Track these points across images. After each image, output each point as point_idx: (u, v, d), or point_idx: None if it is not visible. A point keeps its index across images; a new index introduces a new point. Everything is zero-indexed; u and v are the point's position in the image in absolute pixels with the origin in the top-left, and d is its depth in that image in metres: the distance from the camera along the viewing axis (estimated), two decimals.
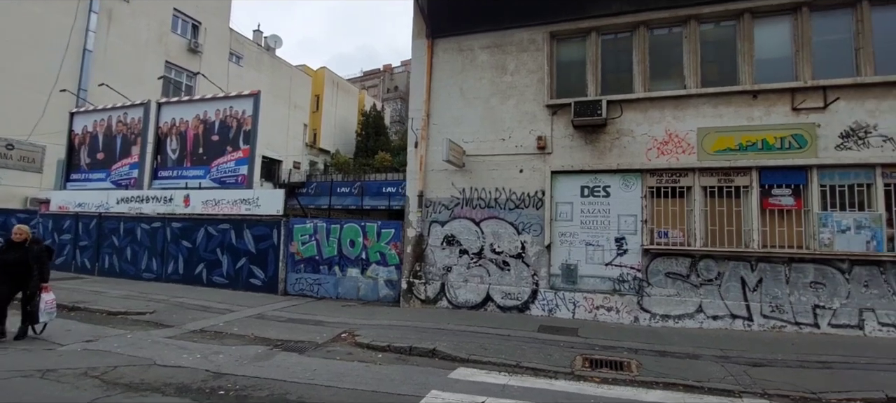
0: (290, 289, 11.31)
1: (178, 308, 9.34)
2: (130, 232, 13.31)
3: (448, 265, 9.97)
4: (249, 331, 7.58)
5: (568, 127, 9.43)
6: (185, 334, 7.38)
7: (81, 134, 15.23)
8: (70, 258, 14.11)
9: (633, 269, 8.81)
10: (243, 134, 12.85)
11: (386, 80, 60.44)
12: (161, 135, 13.98)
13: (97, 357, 5.90)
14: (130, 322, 8.20)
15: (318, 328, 7.97)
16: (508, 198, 9.71)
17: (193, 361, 5.83)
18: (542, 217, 9.41)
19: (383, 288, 10.59)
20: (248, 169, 12.66)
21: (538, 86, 9.76)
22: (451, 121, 10.31)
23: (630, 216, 8.92)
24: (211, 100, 13.52)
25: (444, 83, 10.50)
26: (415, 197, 10.37)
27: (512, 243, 9.58)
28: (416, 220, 10.31)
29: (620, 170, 9.02)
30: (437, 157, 10.19)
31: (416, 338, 7.07)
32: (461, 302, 9.78)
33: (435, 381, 5.33)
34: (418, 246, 10.23)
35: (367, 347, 6.80)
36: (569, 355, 6.45)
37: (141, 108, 14.30)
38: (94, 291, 10.81)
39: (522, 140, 9.74)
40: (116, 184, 14.33)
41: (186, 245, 12.48)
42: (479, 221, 9.86)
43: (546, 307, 9.22)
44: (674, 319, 8.49)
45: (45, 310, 6.79)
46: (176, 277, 12.50)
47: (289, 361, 6.02)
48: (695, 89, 8.77)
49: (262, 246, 11.60)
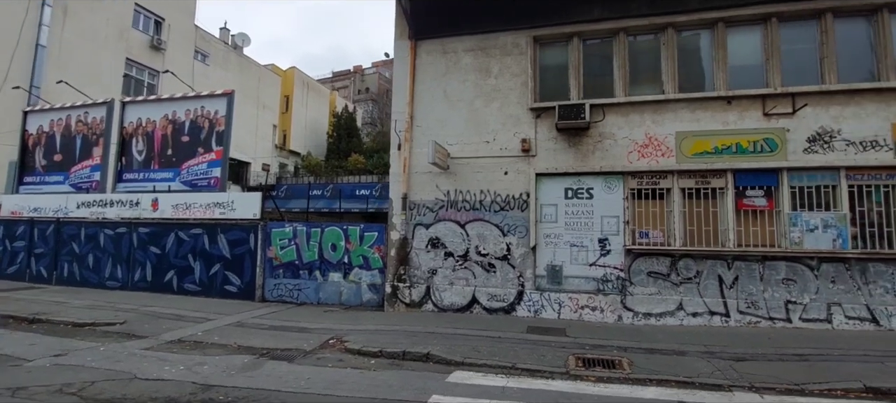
0: (269, 295, 10.95)
1: (150, 317, 8.86)
2: (92, 239, 12.55)
3: (433, 268, 9.90)
4: (231, 340, 7.27)
5: (552, 129, 9.56)
6: (163, 345, 7.00)
7: (36, 134, 14.27)
8: (24, 266, 13.17)
9: (616, 269, 9.01)
10: (216, 135, 12.37)
11: (356, 82, 59.78)
12: (126, 136, 13.27)
13: (70, 372, 5.51)
14: (100, 333, 7.71)
15: (303, 335, 7.73)
16: (493, 200, 9.75)
17: (177, 373, 5.53)
18: (527, 218, 9.49)
19: (367, 292, 10.41)
20: (221, 171, 12.19)
21: (522, 89, 9.86)
22: (435, 124, 10.26)
23: (613, 217, 9.12)
24: (181, 100, 12.95)
25: (428, 85, 10.45)
26: (398, 199, 10.25)
27: (497, 245, 9.62)
28: (400, 223, 10.19)
29: (603, 173, 9.22)
30: (421, 159, 10.13)
31: (407, 343, 6.97)
32: (447, 305, 9.73)
33: (434, 386, 5.26)
34: (402, 250, 10.12)
35: (359, 353, 6.65)
36: (561, 355, 6.51)
37: (103, 107, 13.54)
38: (55, 301, 10.13)
39: (507, 142, 9.80)
40: (76, 187, 13.50)
41: (155, 251, 11.88)
42: (464, 223, 9.85)
43: (532, 308, 9.29)
44: (656, 317, 8.73)
45: None
46: (143, 285, 11.88)
47: (279, 370, 5.80)
48: (673, 94, 9.07)
49: (238, 251, 11.19)
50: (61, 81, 15.49)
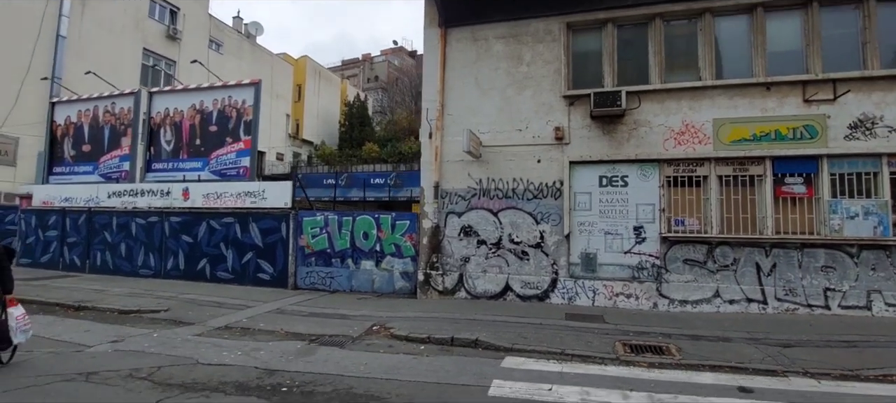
0: (301, 283, 11.09)
1: (190, 304, 9.02)
2: (124, 228, 12.73)
3: (466, 255, 9.97)
4: (277, 326, 7.40)
5: (585, 117, 9.53)
6: (212, 331, 7.14)
7: (64, 124, 14.42)
8: (57, 255, 13.41)
9: (651, 257, 9.03)
10: (244, 124, 12.46)
11: (365, 70, 59.56)
12: (154, 126, 13.39)
13: (133, 357, 5.65)
14: (147, 320, 7.87)
15: (345, 321, 7.85)
16: (526, 189, 9.76)
17: (237, 359, 5.65)
18: (560, 207, 9.51)
19: (399, 280, 10.51)
20: (250, 160, 12.30)
21: (555, 76, 9.81)
22: (466, 112, 10.26)
23: (648, 205, 9.12)
24: (208, 90, 13.02)
25: (459, 73, 10.42)
26: (430, 187, 10.30)
27: (530, 233, 9.65)
28: (432, 211, 10.25)
29: (638, 160, 9.20)
30: (453, 148, 10.15)
31: (452, 329, 7.06)
32: (480, 293, 9.81)
33: (490, 371, 5.34)
34: (435, 238, 10.18)
35: (406, 339, 6.75)
36: (607, 341, 6.57)
37: (130, 98, 13.64)
38: (94, 289, 10.32)
39: (540, 130, 9.79)
40: (106, 177, 13.67)
41: (187, 240, 12.04)
42: (496, 212, 9.88)
43: (566, 295, 9.35)
44: (691, 304, 8.77)
45: (19, 329, 5.17)
46: (176, 273, 12.06)
47: (334, 356, 5.91)
48: (710, 81, 8.99)
49: (270, 239, 11.31)
50: (90, 72, 15.59)
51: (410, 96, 49.14)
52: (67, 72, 18.50)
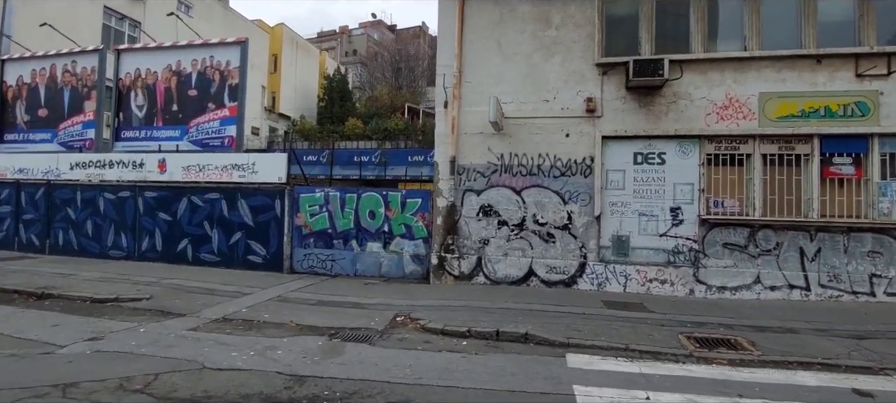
0: (298, 267, 10.00)
1: (177, 291, 7.85)
2: (90, 203, 11.24)
3: (485, 237, 9.12)
4: (285, 318, 6.38)
5: (620, 88, 8.73)
6: (210, 325, 6.06)
7: (16, 85, 12.59)
8: (11, 234, 11.79)
9: (689, 240, 8.41)
10: (229, 88, 11.08)
11: (343, 43, 57.14)
12: (122, 89, 11.80)
13: (121, 361, 4.55)
14: (128, 311, 6.69)
15: (361, 311, 6.90)
16: (553, 165, 8.94)
17: (251, 361, 4.64)
18: (590, 185, 8.74)
19: (410, 263, 9.58)
20: (237, 129, 10.98)
21: (587, 42, 8.93)
22: (487, 79, 9.28)
23: (686, 184, 8.46)
24: (186, 48, 11.51)
25: (479, 35, 9.39)
26: (446, 163, 9.33)
27: (557, 213, 8.87)
28: (448, 189, 9.30)
29: (677, 136, 8.49)
30: (472, 119, 9.21)
31: (491, 320, 6.22)
32: (500, 278, 9.01)
33: (561, 373, 4.54)
34: (450, 218, 9.27)
35: (442, 333, 5.87)
36: (667, 334, 5.89)
37: (94, 55, 11.97)
38: (59, 273, 8.95)
39: (569, 101, 8.93)
40: (67, 146, 12.03)
41: (165, 217, 10.70)
42: (519, 190, 9.04)
43: (595, 281, 8.66)
44: (730, 291, 8.22)
45: None
46: (153, 255, 10.73)
47: (367, 355, 4.98)
48: (757, 51, 8.32)
49: (262, 218, 10.13)
50: (45, 24, 13.65)
51: (391, 72, 47.55)
52: (17, 29, 16.33)
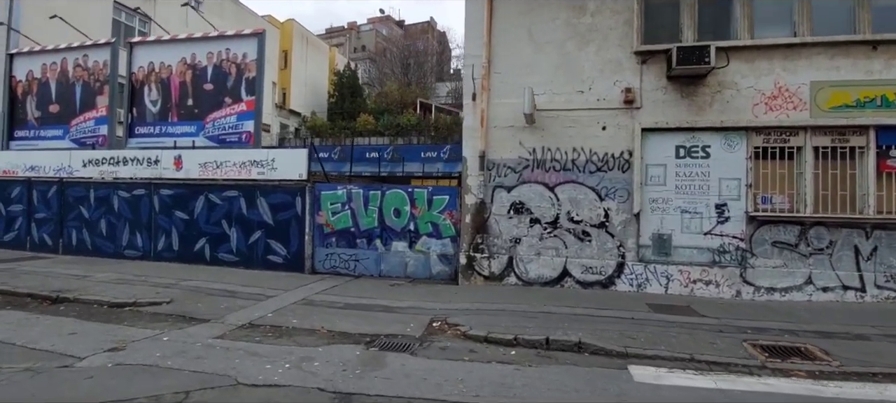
0: (320, 267, 9.62)
1: (197, 294, 7.49)
2: (104, 201, 10.92)
3: (516, 236, 8.69)
4: (315, 324, 6.00)
5: (660, 77, 8.25)
6: (236, 331, 5.68)
7: (26, 81, 12.29)
8: (23, 233, 11.50)
9: (735, 239, 7.93)
10: (246, 82, 10.70)
11: (352, 39, 56.67)
12: (136, 83, 11.45)
13: (146, 376, 4.17)
14: (148, 316, 6.33)
15: (393, 316, 6.51)
16: (588, 160, 8.48)
17: (288, 375, 4.25)
18: (629, 181, 8.28)
19: (437, 263, 9.17)
20: (254, 125, 10.60)
21: (624, 29, 8.44)
22: (518, 69, 8.82)
23: (733, 180, 7.97)
24: (201, 41, 11.14)
25: (509, 24, 8.93)
26: (475, 158, 8.90)
27: (593, 211, 8.42)
28: (477, 185, 8.88)
29: (723, 128, 8.00)
30: (502, 111, 8.77)
31: (535, 327, 5.80)
32: (533, 278, 8.58)
33: (630, 389, 4.13)
34: (480, 215, 8.84)
35: (486, 340, 5.46)
36: (729, 341, 5.44)
37: (107, 49, 11.62)
38: (73, 275, 8.63)
39: (605, 92, 8.46)
40: (79, 142, 11.72)
41: (181, 216, 10.35)
42: (553, 186, 8.59)
43: (634, 281, 8.21)
44: (780, 292, 7.75)
45: None
46: (169, 255, 10.40)
47: (412, 367, 4.57)
48: (809, 37, 7.80)
49: (282, 216, 9.75)
50: (55, 16, 13.30)
51: (400, 68, 47.12)
52: (25, 22, 16.01)
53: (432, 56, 52.21)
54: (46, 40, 13.98)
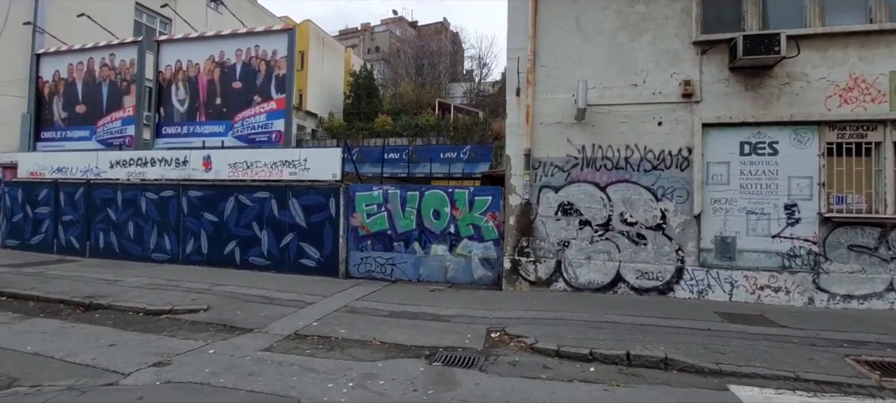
0: (354, 271, 9.22)
1: (233, 300, 7.11)
2: (132, 203, 10.64)
3: (565, 239, 8.19)
4: (364, 333, 5.57)
5: (722, 69, 7.70)
6: (284, 342, 5.28)
7: (53, 81, 12.10)
8: (50, 236, 11.28)
9: (807, 242, 7.35)
10: (275, 80, 10.36)
11: (366, 40, 56.51)
12: (163, 83, 11.18)
13: (199, 397, 3.77)
14: (187, 325, 5.96)
15: (444, 325, 6.06)
16: (643, 158, 7.95)
17: (356, 396, 3.82)
18: (688, 180, 7.74)
19: (479, 267, 8.71)
20: (285, 124, 10.25)
21: (681, 17, 7.91)
22: (565, 62, 8.34)
23: (803, 178, 7.39)
24: (230, 38, 10.82)
25: (555, 14, 8.45)
26: (519, 156, 8.42)
27: (648, 212, 7.89)
28: (522, 185, 8.40)
29: (792, 123, 7.42)
30: (548, 107, 8.30)
31: (606, 339, 5.31)
32: (583, 284, 8.07)
33: None
34: (525, 217, 8.36)
35: (558, 355, 4.97)
36: (829, 357, 4.89)
37: (133, 48, 11.36)
38: (103, 279, 8.33)
39: (661, 85, 7.93)
40: (106, 143, 11.48)
41: (210, 218, 10.02)
42: (604, 186, 8.08)
43: (694, 288, 7.66)
44: (858, 299, 7.14)
45: None
46: (198, 258, 10.08)
47: (488, 387, 4.11)
48: (887, 23, 7.20)
49: (315, 218, 9.37)
50: (83, 15, 13.13)
51: (414, 68, 46.83)
52: (50, 23, 15.94)
53: (445, 56, 51.81)
54: (70, 41, 13.84)
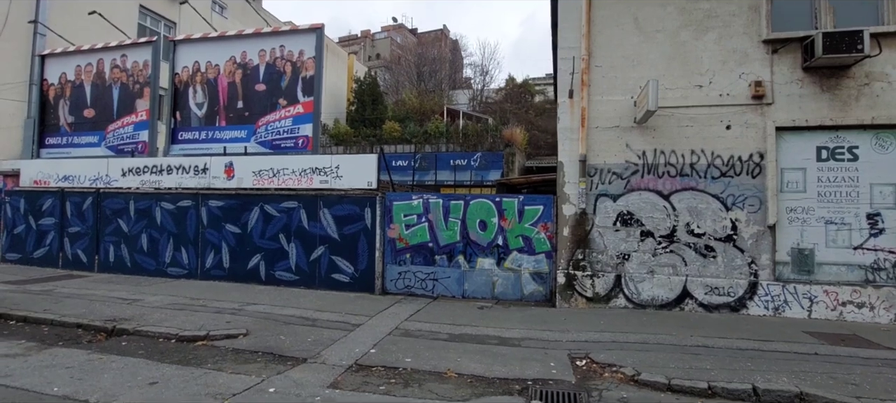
0: (391, 287, 8.55)
1: (270, 322, 6.42)
2: (145, 214, 9.91)
3: (624, 251, 7.60)
4: (434, 364, 4.92)
5: (794, 69, 7.20)
6: (348, 376, 4.60)
7: (59, 84, 11.37)
8: (55, 249, 10.49)
9: (892, 254, 6.82)
10: (302, 82, 9.74)
11: (366, 47, 56.05)
12: (179, 85, 10.51)
13: None
14: (230, 355, 5.26)
15: (516, 350, 5.43)
16: (710, 164, 7.41)
17: None
18: (760, 187, 7.19)
19: (529, 282, 8.08)
20: (313, 128, 9.62)
21: (750, 15, 7.42)
22: (622, 62, 7.81)
23: (887, 185, 6.88)
24: (253, 38, 10.19)
25: (610, 11, 7.92)
26: (573, 163, 7.85)
27: (717, 222, 7.33)
28: (576, 194, 7.81)
29: (873, 126, 6.93)
30: (604, 110, 7.75)
31: (714, 369, 4.70)
32: (645, 300, 7.48)
33: None
34: (580, 228, 7.77)
35: (669, 389, 4.34)
36: None
37: (147, 48, 10.69)
38: (121, 298, 7.59)
39: (729, 86, 7.41)
40: (116, 150, 10.76)
41: (233, 230, 9.32)
42: (667, 194, 7.52)
43: (770, 304, 7.09)
44: None
45: None
46: (219, 273, 9.36)
47: None
48: None
49: (349, 230, 8.70)
50: (94, 12, 12.41)
51: (415, 75, 46.50)
52: (53, 23, 15.19)
53: (446, 64, 51.59)
54: (75, 43, 13.12)
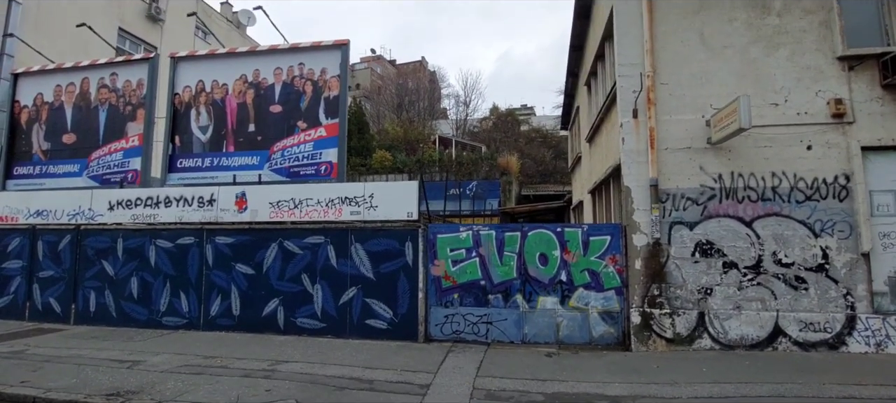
0: (436, 332, 7.44)
1: (319, 387, 5.21)
2: (136, 254, 8.48)
3: (706, 285, 6.82)
4: None
5: (873, 86, 6.79)
6: None
7: (34, 105, 9.92)
8: (21, 298, 8.83)
9: None
10: (325, 102, 8.75)
11: None
12: (179, 106, 9.30)
13: None
14: None
15: None
16: (794, 187, 6.82)
17: None
18: (849, 211, 6.63)
19: (598, 323, 7.15)
20: (338, 153, 8.58)
21: (821, 30, 7.02)
22: (689, 80, 7.24)
23: None
24: (267, 54, 9.16)
25: (673, 27, 7.40)
26: (643, 188, 7.11)
27: (807, 250, 6.68)
28: (648, 222, 7.04)
29: None
30: (674, 130, 7.13)
31: None
32: (733, 340, 6.67)
33: None
34: (654, 260, 6.96)
35: None
36: None
37: (143, 66, 9.47)
38: (116, 360, 6.16)
39: (805, 104, 6.92)
40: (101, 179, 9.34)
41: (244, 270, 8.03)
42: (750, 221, 6.85)
43: (871, 340, 6.41)
44: None
45: None
46: (226, 322, 7.99)
47: None
48: None
49: (386, 268, 7.60)
50: (83, 24, 11.08)
51: (396, 105, 46.32)
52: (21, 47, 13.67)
53: (425, 94, 51.67)
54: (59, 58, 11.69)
